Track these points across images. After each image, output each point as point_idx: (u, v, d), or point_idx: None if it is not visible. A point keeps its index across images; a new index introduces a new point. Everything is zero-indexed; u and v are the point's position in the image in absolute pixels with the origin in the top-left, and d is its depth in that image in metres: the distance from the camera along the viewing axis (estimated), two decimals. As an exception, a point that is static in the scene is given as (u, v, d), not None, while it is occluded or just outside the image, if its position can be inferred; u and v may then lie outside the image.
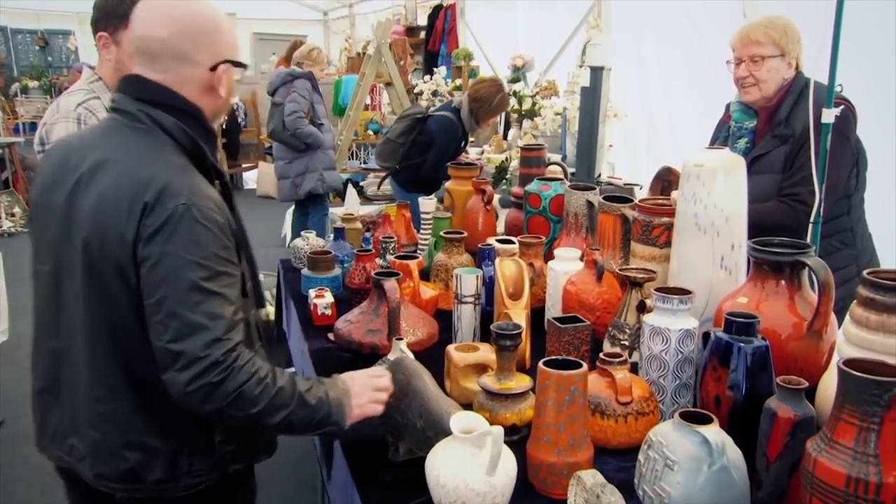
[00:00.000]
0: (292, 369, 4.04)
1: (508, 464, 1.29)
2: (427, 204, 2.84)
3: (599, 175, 4.39)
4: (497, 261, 2.08)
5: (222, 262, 1.38)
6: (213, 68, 1.48)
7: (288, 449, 3.43)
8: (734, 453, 1.26)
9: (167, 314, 1.31)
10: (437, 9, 8.25)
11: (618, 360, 1.57)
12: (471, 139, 5.76)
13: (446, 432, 1.33)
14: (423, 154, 4.44)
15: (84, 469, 1.48)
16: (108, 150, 1.44)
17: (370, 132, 7.06)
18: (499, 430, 1.24)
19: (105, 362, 1.43)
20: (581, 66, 4.52)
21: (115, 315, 1.41)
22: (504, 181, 4.56)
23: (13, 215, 7.67)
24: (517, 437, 1.53)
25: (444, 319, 2.16)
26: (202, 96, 1.49)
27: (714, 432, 1.24)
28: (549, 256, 2.28)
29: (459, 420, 1.31)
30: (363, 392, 1.49)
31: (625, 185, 3.74)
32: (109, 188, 1.38)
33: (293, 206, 5.59)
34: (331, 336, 2.11)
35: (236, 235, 1.48)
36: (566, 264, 2.15)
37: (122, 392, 1.44)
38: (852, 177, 2.25)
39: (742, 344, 1.45)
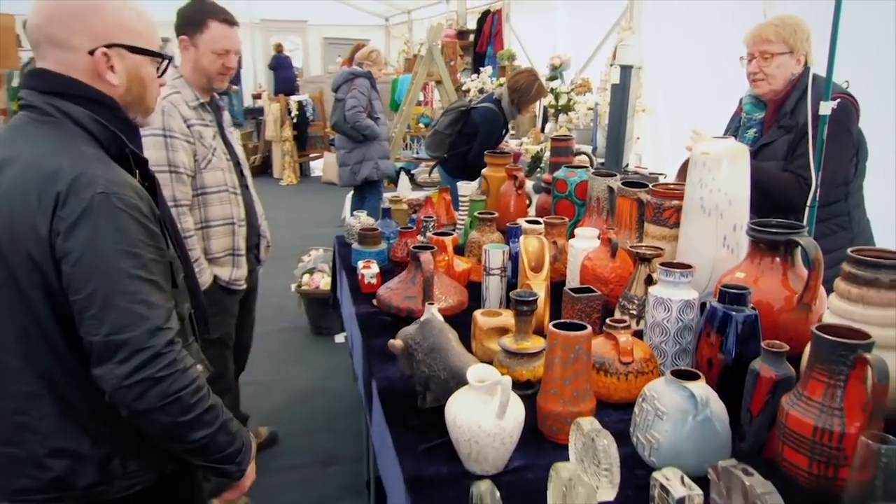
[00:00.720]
0: (343, 334, 4.17)
1: (517, 409, 1.32)
2: (465, 188, 2.88)
3: (627, 165, 4.34)
4: (522, 238, 2.11)
5: (150, 249, 1.25)
6: (92, 52, 1.26)
7: (340, 399, 3.58)
8: (718, 407, 1.28)
9: (101, 306, 1.16)
10: (485, 14, 8.21)
11: (622, 325, 1.59)
12: (511, 131, 5.76)
13: (465, 382, 1.36)
14: (468, 143, 4.42)
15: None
16: (14, 146, 1.26)
17: (421, 125, 7.10)
18: (507, 380, 1.27)
19: (19, 368, 1.24)
20: (611, 66, 4.46)
21: (29, 316, 1.22)
22: (539, 169, 4.55)
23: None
24: (531, 392, 1.55)
25: (476, 290, 2.18)
26: (95, 83, 1.28)
27: (700, 388, 1.25)
28: (572, 236, 2.30)
29: (475, 371, 1.34)
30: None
31: (650, 174, 3.70)
32: (15, 183, 1.20)
33: (352, 191, 5.67)
34: (374, 302, 2.18)
35: (162, 222, 1.34)
36: (585, 242, 2.16)
37: (42, 398, 1.25)
38: (852, 165, 2.20)
39: (734, 313, 1.45)
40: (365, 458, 2.81)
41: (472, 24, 8.82)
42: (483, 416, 1.28)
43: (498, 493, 1.11)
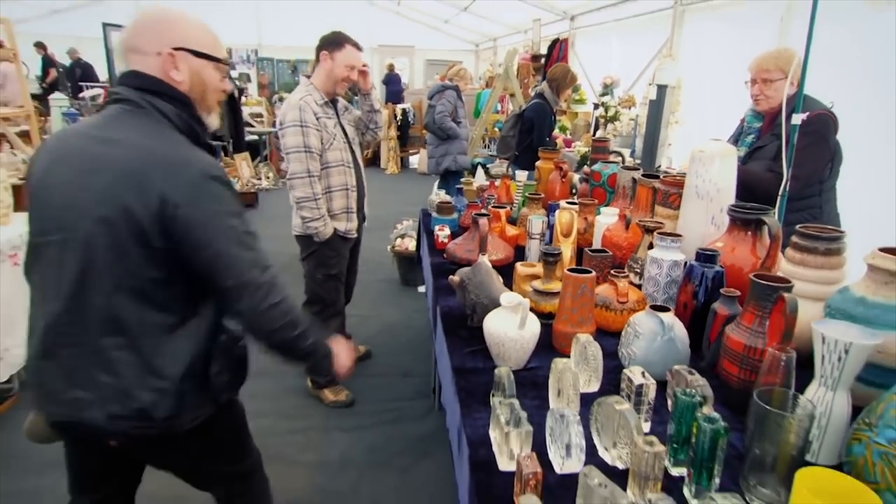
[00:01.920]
0: (424, 286, 4.36)
1: (534, 324, 1.46)
2: (521, 175, 3.00)
3: (660, 166, 4.33)
4: (557, 212, 2.23)
5: (242, 209, 1.27)
6: (159, 53, 1.24)
7: (417, 332, 3.80)
8: (681, 332, 1.38)
9: (228, 259, 1.19)
10: (555, 41, 8.14)
11: (622, 274, 1.70)
12: (568, 135, 5.76)
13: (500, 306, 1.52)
14: (529, 137, 4.45)
15: (94, 414, 1.21)
16: (117, 129, 1.22)
17: (497, 129, 7.20)
18: (526, 302, 1.42)
19: (118, 315, 1.19)
20: (651, 85, 4.44)
21: (132, 273, 1.18)
22: (585, 164, 4.59)
23: (269, 178, 8.48)
24: (552, 320, 1.67)
25: (522, 252, 2.27)
26: (166, 81, 1.27)
27: (668, 317, 1.36)
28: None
29: (506, 296, 1.49)
30: (343, 351, 1.47)
31: (677, 174, 3.70)
32: (126, 162, 1.16)
33: (438, 179, 5.82)
34: (444, 255, 2.35)
35: None
36: (607, 218, 2.24)
37: (135, 340, 1.20)
38: (827, 169, 2.18)
39: (705, 269, 1.54)
40: (432, 372, 3.02)
41: (544, 50, 8.77)
42: (509, 326, 1.43)
43: (512, 375, 1.27)
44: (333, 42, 2.61)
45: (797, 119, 1.83)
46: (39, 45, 10.38)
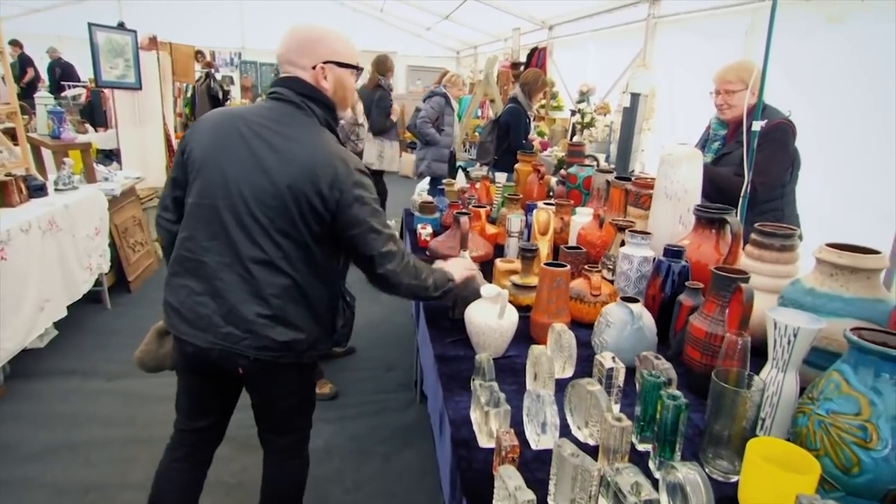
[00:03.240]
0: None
1: (512, 314, 1.52)
2: (500, 177, 3.06)
3: (633, 171, 4.42)
4: (535, 211, 2.30)
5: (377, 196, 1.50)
6: (314, 67, 1.47)
7: (400, 327, 3.82)
8: (648, 321, 1.45)
9: (372, 234, 1.42)
10: (533, 50, 8.26)
11: (594, 269, 1.78)
12: (546, 138, 5.84)
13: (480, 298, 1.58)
14: (506, 141, 4.51)
15: (244, 348, 1.42)
16: (287, 128, 1.43)
17: (477, 133, 7.28)
18: (505, 293, 1.49)
19: (284, 270, 1.41)
20: (624, 93, 4.54)
21: (297, 238, 1.40)
22: (562, 168, 4.67)
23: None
24: (529, 313, 1.74)
25: (501, 250, 2.36)
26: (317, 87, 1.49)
27: (637, 307, 1.43)
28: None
29: (486, 288, 1.56)
30: (458, 265, 1.72)
31: (649, 178, 3.80)
32: (302, 156, 1.38)
33: (428, 180, 5.77)
34: (427, 252, 2.40)
35: None
36: (582, 218, 2.32)
37: (290, 291, 1.42)
38: (787, 173, 2.29)
39: (672, 263, 1.62)
40: (414, 366, 3.07)
41: (523, 58, 8.88)
42: (489, 316, 1.49)
43: (492, 361, 1.33)
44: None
45: (757, 126, 1.92)
46: (15, 44, 10.13)
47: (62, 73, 10.39)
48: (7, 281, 2.77)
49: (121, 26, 5.06)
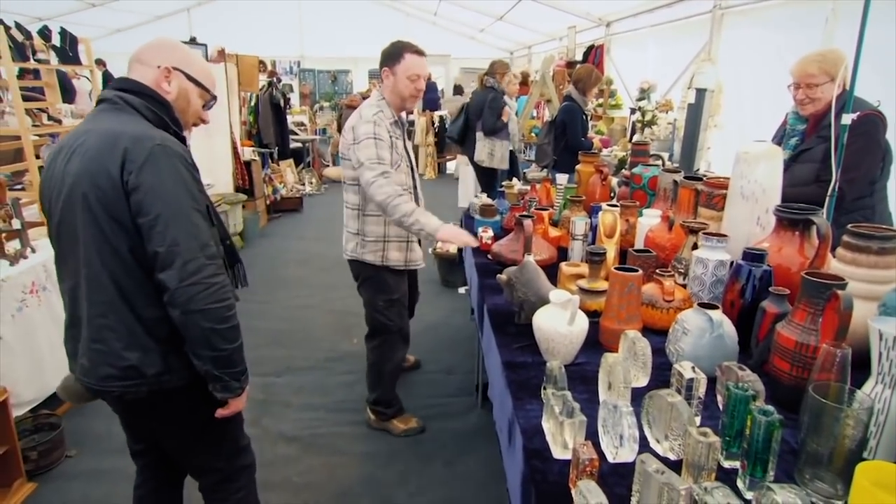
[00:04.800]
0: (464, 287, 4.37)
1: (582, 321, 1.47)
2: (561, 178, 3.00)
3: (698, 169, 4.24)
4: (600, 213, 2.23)
5: (195, 185, 1.31)
6: (159, 66, 1.38)
7: (459, 331, 3.81)
8: (729, 328, 1.37)
9: (164, 225, 1.23)
10: (590, 48, 8.08)
11: (667, 273, 1.70)
12: (605, 135, 5.69)
13: (548, 303, 1.54)
14: (562, 140, 4.41)
15: (91, 378, 1.33)
16: (93, 123, 1.34)
17: (534, 135, 7.17)
18: (576, 298, 1.44)
19: (101, 282, 1.28)
20: (689, 88, 4.36)
21: (109, 245, 1.27)
22: (623, 168, 4.54)
23: (312, 183, 8.70)
24: (597, 318, 1.68)
25: (565, 254, 2.27)
26: (156, 88, 1.39)
27: (717, 314, 1.35)
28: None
29: (555, 293, 1.52)
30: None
31: (722, 178, 3.62)
32: (93, 144, 1.28)
33: (473, 182, 5.72)
34: (489, 256, 2.38)
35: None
36: (650, 220, 2.23)
37: (116, 305, 1.29)
38: (878, 169, 2.12)
39: (752, 268, 1.53)
40: (475, 369, 3.04)
41: (579, 56, 8.70)
42: (558, 322, 1.45)
43: (563, 369, 1.29)
44: (391, 55, 2.37)
45: (847, 119, 1.79)
46: (100, 62, 10.88)
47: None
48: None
49: (193, 41, 5.31)
